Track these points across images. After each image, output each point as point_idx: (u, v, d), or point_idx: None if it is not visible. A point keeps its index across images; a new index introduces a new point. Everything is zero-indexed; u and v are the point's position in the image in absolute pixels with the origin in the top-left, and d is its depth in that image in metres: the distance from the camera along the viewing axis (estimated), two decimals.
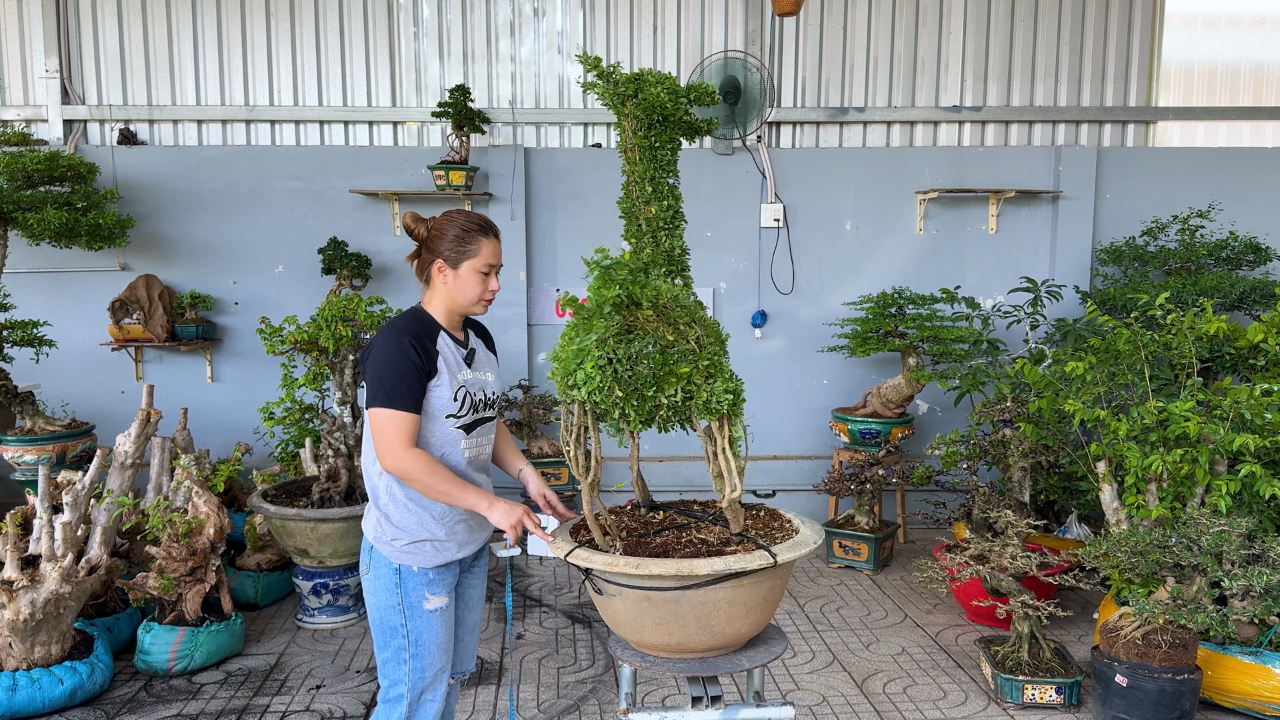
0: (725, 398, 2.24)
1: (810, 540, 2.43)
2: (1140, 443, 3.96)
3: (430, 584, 2.66)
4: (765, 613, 2.45)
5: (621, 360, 2.24)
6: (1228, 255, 6.13)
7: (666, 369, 2.23)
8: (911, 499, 6.39)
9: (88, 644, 4.10)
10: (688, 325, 2.29)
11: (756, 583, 2.33)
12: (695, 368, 2.25)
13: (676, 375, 2.23)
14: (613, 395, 2.24)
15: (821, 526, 2.58)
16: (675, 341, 2.26)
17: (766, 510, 2.73)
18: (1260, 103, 6.94)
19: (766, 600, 2.41)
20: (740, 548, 2.38)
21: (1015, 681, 3.92)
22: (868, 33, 6.65)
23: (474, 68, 6.56)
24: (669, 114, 2.53)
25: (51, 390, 6.17)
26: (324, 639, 4.69)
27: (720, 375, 2.28)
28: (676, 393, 2.23)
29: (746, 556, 2.29)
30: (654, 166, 2.61)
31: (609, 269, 2.20)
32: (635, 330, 2.27)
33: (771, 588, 2.40)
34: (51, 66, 6.31)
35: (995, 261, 6.71)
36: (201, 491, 4.39)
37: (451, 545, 2.70)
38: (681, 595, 2.29)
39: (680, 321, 2.29)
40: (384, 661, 2.70)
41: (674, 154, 2.64)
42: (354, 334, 4.75)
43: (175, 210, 6.34)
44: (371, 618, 2.71)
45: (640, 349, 2.24)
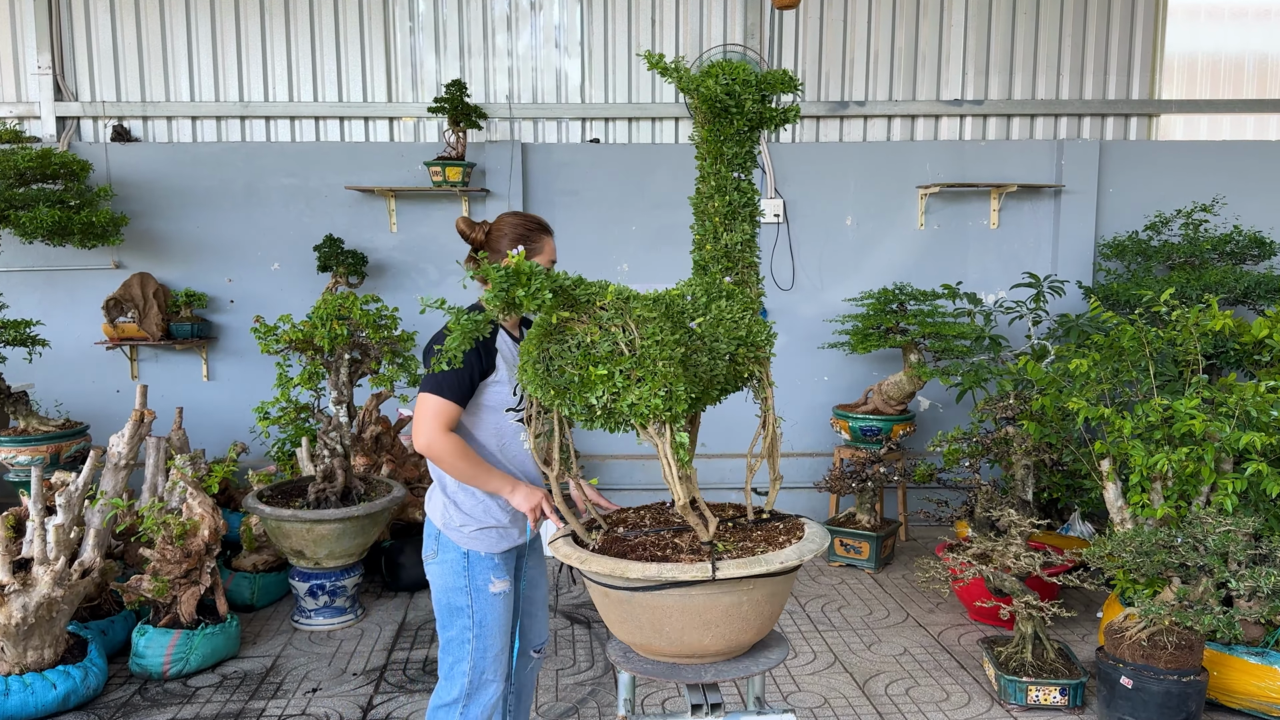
0: (652, 403, 2.16)
1: (780, 559, 2.26)
2: (1145, 441, 3.91)
3: (495, 568, 2.79)
4: (734, 627, 2.31)
5: (540, 360, 2.28)
6: (1232, 249, 6.07)
7: (588, 370, 2.20)
8: (913, 497, 6.35)
9: (81, 647, 4.06)
10: (619, 327, 2.21)
11: (711, 594, 2.24)
12: (616, 371, 2.18)
13: (596, 377, 2.19)
14: (549, 393, 2.27)
15: (823, 531, 2.46)
16: (597, 343, 2.21)
17: (790, 520, 2.59)
18: (1264, 95, 6.88)
19: (730, 615, 2.29)
20: (689, 557, 2.32)
21: (1019, 683, 3.88)
22: (868, 25, 6.58)
23: (470, 62, 6.50)
24: (728, 106, 2.42)
25: (45, 390, 6.12)
26: (321, 640, 4.65)
27: (651, 379, 2.17)
28: (604, 394, 2.19)
29: (684, 567, 2.22)
30: (717, 160, 2.51)
31: (509, 278, 2.14)
32: (566, 331, 2.26)
33: (735, 604, 2.27)
34: (44, 63, 6.25)
35: (997, 256, 6.65)
36: (196, 493, 4.34)
37: (515, 531, 2.84)
38: (631, 596, 2.30)
39: (613, 324, 2.21)
40: (448, 640, 2.83)
41: (741, 147, 2.51)
42: (349, 332, 4.70)
43: (170, 207, 6.29)
44: (437, 599, 2.83)
45: (558, 350, 2.25)
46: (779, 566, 2.26)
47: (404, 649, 4.55)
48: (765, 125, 2.51)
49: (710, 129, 2.49)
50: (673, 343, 2.24)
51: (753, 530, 2.52)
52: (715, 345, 2.43)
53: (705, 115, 2.47)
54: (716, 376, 2.44)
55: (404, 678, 4.24)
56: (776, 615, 2.43)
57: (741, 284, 2.57)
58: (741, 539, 2.45)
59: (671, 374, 2.20)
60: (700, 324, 2.44)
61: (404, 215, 6.40)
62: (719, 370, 2.43)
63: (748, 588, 2.27)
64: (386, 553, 5.32)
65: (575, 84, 6.57)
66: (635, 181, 6.49)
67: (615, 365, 2.19)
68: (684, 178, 6.51)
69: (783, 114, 2.54)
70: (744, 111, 2.43)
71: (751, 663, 2.43)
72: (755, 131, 2.53)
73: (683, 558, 2.32)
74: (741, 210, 2.54)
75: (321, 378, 4.77)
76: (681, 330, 2.34)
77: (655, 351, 2.19)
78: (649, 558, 2.34)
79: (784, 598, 2.42)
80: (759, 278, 2.63)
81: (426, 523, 2.88)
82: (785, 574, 2.32)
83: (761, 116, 2.48)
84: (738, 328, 2.48)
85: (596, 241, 6.51)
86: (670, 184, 6.50)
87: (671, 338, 2.25)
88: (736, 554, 2.32)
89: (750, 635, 2.38)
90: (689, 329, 2.40)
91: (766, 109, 2.48)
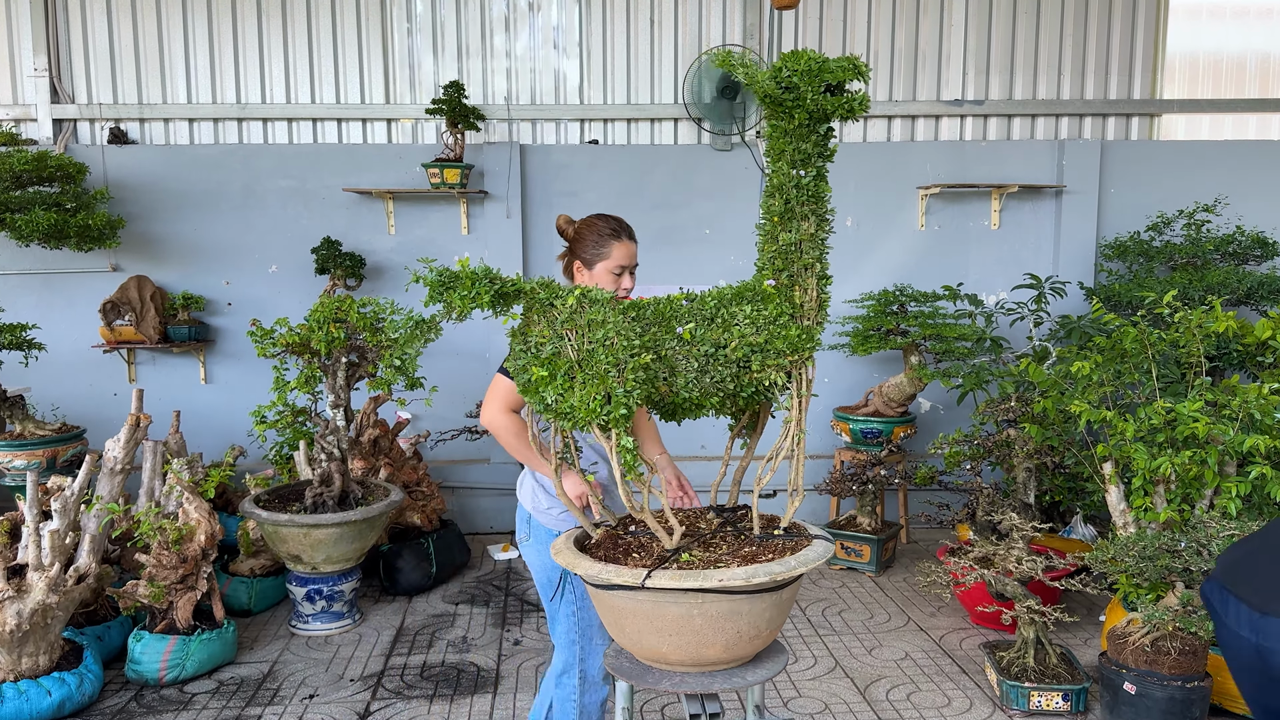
0: (590, 406, 2.19)
1: (719, 578, 2.16)
2: (1147, 444, 3.88)
3: None
4: (690, 640, 2.24)
5: (516, 356, 2.34)
6: (1234, 250, 6.04)
7: (532, 370, 2.27)
8: (914, 499, 6.32)
9: (77, 654, 4.03)
10: (569, 329, 2.26)
11: (656, 602, 2.21)
12: (558, 372, 2.24)
13: (538, 378, 2.25)
14: (519, 387, 2.33)
15: (807, 559, 2.30)
16: (543, 345, 2.29)
17: (798, 540, 2.49)
18: (1266, 94, 6.84)
19: (682, 627, 2.22)
20: (639, 560, 2.31)
21: (1021, 688, 3.85)
22: (868, 26, 6.55)
23: (468, 64, 6.47)
24: (783, 100, 2.28)
25: (42, 394, 6.09)
26: (318, 646, 4.62)
27: (592, 384, 2.19)
28: (552, 394, 2.25)
29: (620, 569, 2.22)
30: (779, 158, 2.38)
31: (442, 282, 2.24)
32: (528, 331, 2.34)
33: (684, 616, 2.22)
34: (40, 65, 6.22)
35: (998, 257, 6.62)
36: (192, 497, 4.31)
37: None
38: (596, 591, 2.34)
39: (564, 326, 2.27)
40: (553, 613, 3.05)
41: (803, 142, 2.34)
42: (347, 335, 4.68)
43: (167, 210, 6.26)
44: (536, 577, 3.06)
45: (519, 349, 2.33)
46: (715, 584, 2.15)
47: (402, 654, 4.52)
48: (831, 118, 2.32)
49: (773, 125, 2.36)
50: (627, 348, 2.25)
51: (747, 543, 2.45)
52: (718, 353, 2.34)
53: (769, 110, 2.34)
54: (719, 384, 2.36)
55: (402, 683, 4.21)
56: (751, 635, 2.29)
57: (789, 287, 2.43)
58: (729, 550, 2.38)
59: (612, 378, 2.21)
60: (690, 330, 2.35)
61: (402, 217, 6.37)
62: (721, 377, 2.35)
63: (696, 601, 2.19)
64: (385, 557, 5.29)
65: (574, 85, 6.54)
66: (634, 183, 6.46)
67: (556, 367, 2.26)
68: (683, 179, 6.50)
69: (847, 103, 2.29)
70: (804, 105, 2.27)
71: (734, 676, 2.36)
72: (821, 125, 2.34)
73: (631, 560, 2.31)
74: (799, 209, 2.39)
75: (319, 381, 4.74)
76: (648, 335, 2.31)
77: (601, 355, 2.23)
78: (611, 558, 2.35)
79: (757, 618, 2.27)
80: (822, 280, 2.45)
81: (518, 507, 3.11)
82: (742, 593, 2.20)
83: (824, 110, 2.29)
84: (757, 334, 2.36)
85: None
86: (669, 185, 6.48)
87: (631, 342, 2.25)
88: (699, 565, 2.26)
89: (716, 651, 2.28)
90: (676, 335, 2.34)
91: (829, 100, 2.27)
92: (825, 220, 2.43)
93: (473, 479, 6.50)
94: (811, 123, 2.32)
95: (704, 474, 6.55)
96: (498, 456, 6.50)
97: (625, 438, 2.24)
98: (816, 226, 2.41)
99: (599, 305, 2.30)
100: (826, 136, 2.38)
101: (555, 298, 2.32)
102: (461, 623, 4.91)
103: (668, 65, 6.53)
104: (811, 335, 2.40)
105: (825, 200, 2.42)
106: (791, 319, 2.41)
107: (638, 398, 2.25)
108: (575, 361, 2.25)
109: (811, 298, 2.45)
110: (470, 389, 6.39)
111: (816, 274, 2.44)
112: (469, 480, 6.50)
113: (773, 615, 2.32)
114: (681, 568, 2.25)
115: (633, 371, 2.25)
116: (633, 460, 2.26)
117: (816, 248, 2.43)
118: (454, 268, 2.26)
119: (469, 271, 2.24)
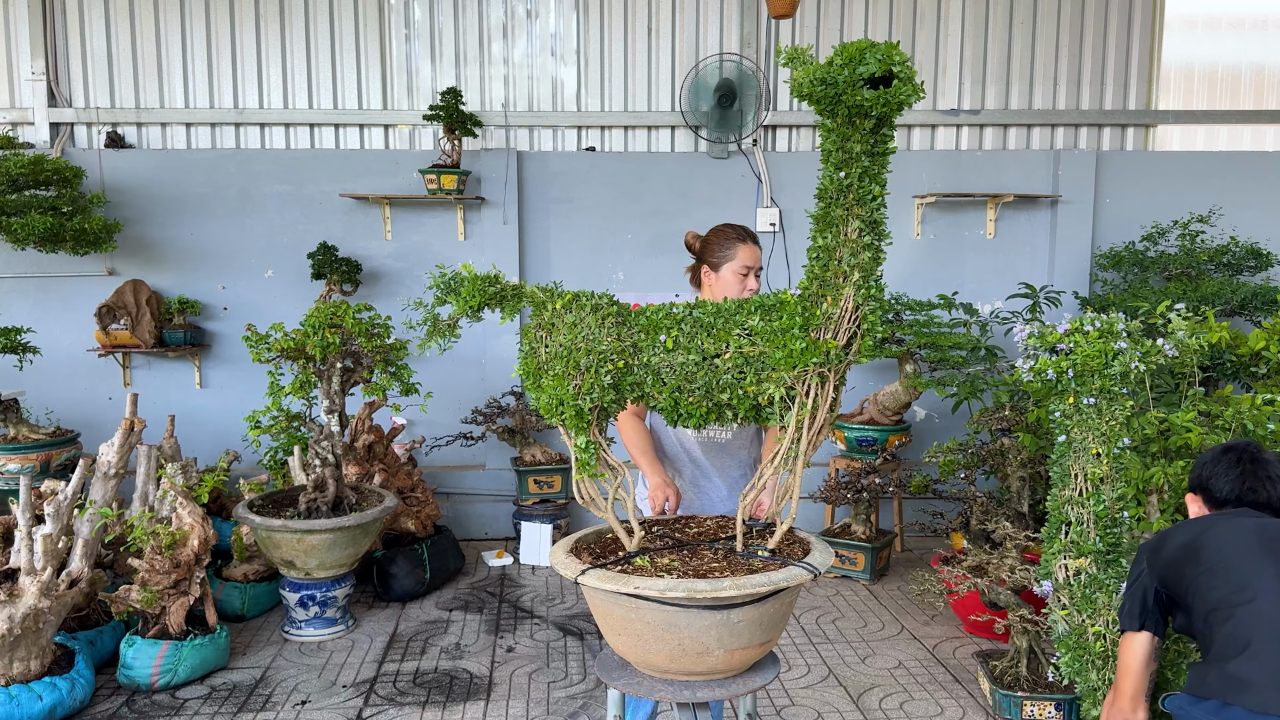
0: (545, 405, 2.34)
1: (634, 585, 2.14)
2: (1141, 454, 3.89)
3: None
4: (638, 644, 2.26)
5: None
6: (1228, 260, 6.06)
7: (516, 368, 2.45)
8: (909, 508, 6.32)
9: (69, 658, 4.02)
10: (549, 332, 2.36)
11: (605, 600, 2.27)
12: (527, 372, 2.38)
13: (518, 374, 2.43)
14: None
15: (775, 579, 2.22)
16: (523, 346, 2.41)
17: (798, 540, 2.50)
18: (1261, 106, 6.87)
19: (627, 628, 2.24)
20: (599, 559, 2.39)
21: (1014, 697, 3.84)
22: (865, 35, 6.57)
23: (466, 70, 6.49)
24: (820, 96, 2.09)
25: (36, 397, 6.08)
26: (311, 652, 4.61)
27: (552, 386, 2.31)
28: (532, 392, 2.40)
29: (566, 562, 2.33)
30: (826, 161, 2.20)
31: (446, 284, 2.40)
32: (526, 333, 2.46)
33: (625, 619, 2.23)
34: (38, 69, 6.23)
35: (993, 267, 6.64)
36: (185, 502, 4.31)
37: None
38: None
39: (544, 329, 2.37)
40: None
41: (846, 140, 2.15)
42: (342, 341, 4.68)
43: (163, 214, 6.27)
44: None
45: (520, 348, 2.45)
46: (631, 590, 2.13)
47: (395, 661, 4.51)
48: (870, 114, 2.09)
49: (822, 125, 2.19)
50: (593, 351, 2.29)
51: (726, 558, 2.40)
52: (706, 363, 2.28)
53: (817, 108, 2.15)
54: (708, 395, 2.30)
55: (394, 690, 4.20)
56: (698, 651, 2.22)
57: (819, 296, 2.24)
58: (706, 561, 2.37)
59: (570, 381, 2.30)
60: (673, 338, 2.30)
61: (399, 223, 6.38)
62: (710, 388, 2.29)
63: (632, 605, 2.19)
64: (378, 563, 5.28)
65: (571, 92, 6.55)
66: (631, 190, 6.47)
67: (524, 367, 2.38)
68: (679, 186, 6.52)
69: (884, 98, 2.04)
70: (844, 100, 2.07)
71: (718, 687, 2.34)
72: (865, 121, 2.11)
73: (593, 560, 2.36)
74: (838, 212, 2.19)
75: (313, 386, 4.73)
76: (626, 341, 2.32)
77: (566, 357, 2.31)
78: (595, 555, 2.42)
79: (701, 634, 2.19)
80: (862, 285, 2.21)
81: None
82: (675, 605, 2.15)
83: (863, 107, 2.06)
84: (753, 345, 2.25)
85: (592, 250, 6.49)
86: (666, 192, 6.49)
87: (598, 347, 2.29)
88: (680, 573, 2.27)
89: (661, 660, 2.26)
90: (661, 342, 2.31)
91: (866, 95, 2.04)
92: (875, 226, 2.20)
93: (468, 485, 6.50)
94: (852, 118, 2.11)
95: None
96: (492, 462, 6.50)
97: (581, 437, 2.32)
98: (860, 232, 2.19)
99: (584, 309, 2.35)
100: (877, 134, 2.15)
101: (550, 299, 2.39)
102: (455, 629, 4.91)
103: (665, 73, 6.54)
104: (821, 350, 2.21)
105: (873, 203, 2.18)
106: (804, 331, 2.22)
107: (595, 400, 2.30)
108: (545, 362, 2.35)
109: (845, 310, 2.22)
110: (466, 395, 6.39)
111: (854, 284, 2.21)
112: (464, 486, 6.50)
113: (722, 635, 2.20)
114: (660, 573, 2.26)
115: (592, 375, 2.29)
116: (587, 459, 2.33)
117: (857, 255, 2.20)
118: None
119: (472, 274, 2.38)
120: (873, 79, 2.06)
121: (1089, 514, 2.91)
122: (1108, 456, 2.86)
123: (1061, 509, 3.02)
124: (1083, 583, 2.91)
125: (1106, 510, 2.89)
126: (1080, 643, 2.91)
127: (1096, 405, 2.82)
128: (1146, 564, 2.68)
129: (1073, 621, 2.94)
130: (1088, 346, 2.77)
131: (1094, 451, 2.86)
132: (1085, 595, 2.90)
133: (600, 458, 2.37)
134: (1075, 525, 2.93)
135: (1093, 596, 2.88)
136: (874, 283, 2.23)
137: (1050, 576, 3.06)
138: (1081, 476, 2.89)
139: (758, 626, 2.26)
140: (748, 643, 2.27)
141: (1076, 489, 2.92)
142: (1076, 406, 2.89)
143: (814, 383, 2.25)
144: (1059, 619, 3.01)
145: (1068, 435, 2.99)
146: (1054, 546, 3.03)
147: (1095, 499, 2.89)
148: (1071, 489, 2.95)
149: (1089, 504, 2.90)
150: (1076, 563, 2.91)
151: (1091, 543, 2.90)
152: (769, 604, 2.25)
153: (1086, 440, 2.86)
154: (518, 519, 6.18)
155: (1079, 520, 2.93)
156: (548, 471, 6.10)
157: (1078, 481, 2.90)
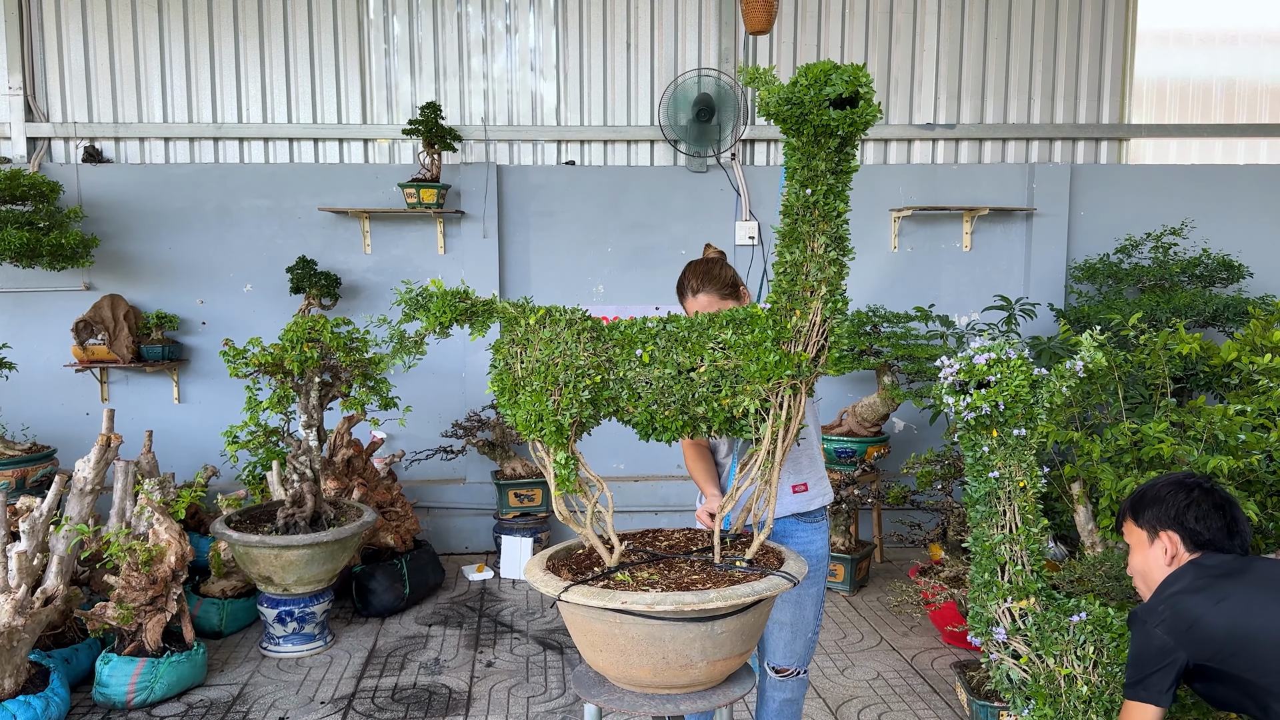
0: (522, 420, 2.33)
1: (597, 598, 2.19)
2: (1114, 464, 3.92)
3: None
4: (621, 658, 2.27)
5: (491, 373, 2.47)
6: (1201, 272, 6.13)
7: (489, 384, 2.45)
8: (888, 519, 6.35)
9: (43, 677, 3.98)
10: (524, 348, 2.36)
11: (586, 616, 2.28)
12: (501, 388, 2.37)
13: (491, 389, 2.42)
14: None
15: (783, 575, 2.30)
16: (499, 360, 2.40)
17: (771, 550, 2.54)
18: (1231, 120, 6.96)
19: (610, 643, 2.26)
20: (577, 574, 2.40)
21: (991, 708, 3.86)
22: (841, 51, 6.63)
23: (446, 85, 6.50)
24: (786, 115, 2.14)
25: (12, 413, 6.04)
26: (289, 668, 4.59)
27: (528, 401, 2.30)
28: (504, 408, 2.41)
29: (546, 579, 2.32)
30: (792, 178, 2.24)
31: (414, 300, 2.40)
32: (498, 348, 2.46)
33: (608, 633, 2.26)
34: (15, 83, 6.20)
35: (970, 279, 6.69)
36: (162, 518, 4.28)
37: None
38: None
39: (518, 345, 2.37)
40: None
41: (809, 159, 2.19)
42: (320, 355, 4.67)
43: (141, 229, 6.25)
44: None
45: (492, 363, 2.43)
46: (618, 605, 2.16)
47: (373, 676, 4.50)
48: (836, 133, 2.13)
49: (787, 142, 2.23)
50: (564, 368, 2.30)
51: (706, 570, 2.42)
52: (682, 376, 2.30)
53: (782, 127, 2.19)
54: (684, 409, 2.32)
55: (373, 706, 4.19)
56: (682, 664, 2.24)
57: (788, 310, 2.29)
58: (689, 574, 2.38)
59: (548, 397, 2.30)
60: (649, 352, 2.32)
61: (378, 237, 6.38)
62: (685, 402, 2.31)
63: (616, 620, 2.22)
64: (357, 578, 5.26)
65: (550, 106, 6.58)
66: (610, 204, 6.50)
67: (498, 383, 2.37)
68: (658, 200, 6.55)
69: (850, 118, 2.09)
70: (810, 120, 2.11)
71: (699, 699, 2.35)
72: (829, 140, 2.16)
73: (573, 577, 2.36)
74: (805, 227, 2.24)
75: (291, 401, 4.73)
76: (602, 356, 2.32)
77: (542, 373, 2.30)
78: (576, 571, 2.42)
79: (686, 647, 2.22)
80: (830, 305, 2.29)
81: None
82: (658, 618, 2.17)
83: (829, 125, 2.10)
84: (727, 359, 2.28)
85: (572, 263, 6.50)
86: (645, 206, 6.52)
87: (574, 363, 2.30)
88: (661, 587, 2.28)
89: (645, 674, 2.29)
90: (637, 356, 2.33)
91: (831, 115, 2.09)
92: (840, 241, 2.26)
93: (448, 499, 6.49)
94: (818, 137, 2.16)
95: (686, 495, 6.56)
96: (473, 476, 6.49)
97: (560, 453, 2.32)
98: (825, 247, 2.25)
99: (559, 324, 2.35)
100: (842, 153, 2.21)
101: (522, 315, 2.38)
102: (434, 644, 4.89)
103: (644, 88, 6.58)
104: (793, 362, 2.26)
105: (838, 220, 2.24)
106: (776, 344, 2.28)
107: (574, 415, 2.30)
108: (520, 378, 2.34)
109: (813, 323, 2.29)
110: (446, 409, 6.39)
111: (822, 297, 2.27)
112: (444, 500, 6.48)
113: (706, 647, 2.23)
114: (640, 588, 2.26)
115: (571, 390, 2.29)
116: (566, 475, 2.33)
117: (824, 269, 2.26)
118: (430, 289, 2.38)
119: (441, 290, 2.36)
120: (838, 99, 2.10)
121: (1023, 551, 2.81)
122: (1033, 488, 2.78)
123: (994, 550, 2.84)
124: (1029, 624, 2.81)
125: (1037, 545, 2.80)
126: (1054, 689, 2.79)
127: (1024, 436, 2.72)
128: (1174, 641, 2.39)
129: (1035, 668, 2.82)
130: (1015, 377, 2.69)
131: (1020, 484, 2.77)
132: (1045, 637, 2.78)
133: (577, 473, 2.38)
134: (1012, 565, 2.81)
135: (1051, 637, 2.77)
136: (840, 296, 2.30)
137: (994, 624, 2.88)
138: (1013, 513, 2.78)
139: (739, 637, 2.30)
140: (729, 653, 2.30)
141: (1007, 526, 2.81)
142: (1002, 440, 2.75)
143: (787, 394, 2.30)
144: (1011, 666, 2.87)
145: (999, 471, 2.81)
146: (993, 592, 2.85)
147: (1027, 535, 2.77)
148: (1002, 527, 2.80)
149: (1021, 540, 2.78)
150: (1020, 604, 2.82)
151: (1032, 580, 2.79)
152: (749, 614, 2.29)
153: (1014, 473, 2.74)
154: (498, 533, 6.17)
155: (1013, 559, 2.82)
156: (528, 485, 6.09)
157: (1007, 518, 2.81)
